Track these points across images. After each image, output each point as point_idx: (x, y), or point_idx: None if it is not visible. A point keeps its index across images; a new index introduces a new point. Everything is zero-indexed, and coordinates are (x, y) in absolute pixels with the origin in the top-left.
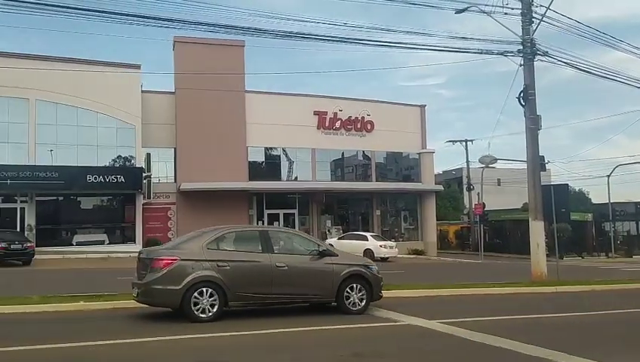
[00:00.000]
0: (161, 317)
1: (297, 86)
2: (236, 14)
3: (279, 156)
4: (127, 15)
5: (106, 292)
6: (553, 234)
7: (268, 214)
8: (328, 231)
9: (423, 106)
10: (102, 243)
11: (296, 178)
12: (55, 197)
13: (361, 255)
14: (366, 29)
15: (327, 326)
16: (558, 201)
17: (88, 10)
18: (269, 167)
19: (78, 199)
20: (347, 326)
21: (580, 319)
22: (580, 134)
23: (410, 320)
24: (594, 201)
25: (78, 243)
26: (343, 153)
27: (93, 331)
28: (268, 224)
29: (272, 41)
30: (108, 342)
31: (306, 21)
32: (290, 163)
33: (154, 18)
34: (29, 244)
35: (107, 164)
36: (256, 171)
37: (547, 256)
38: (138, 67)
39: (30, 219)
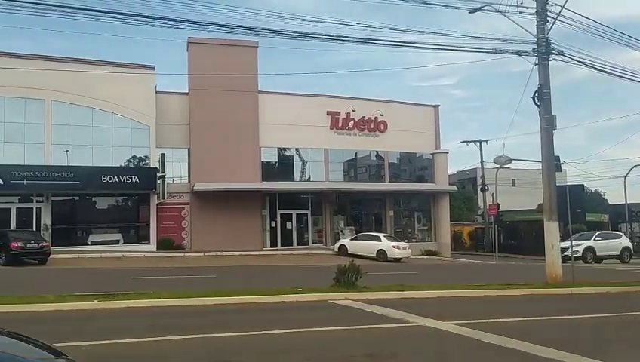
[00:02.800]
0: (168, 317)
1: (310, 86)
2: (249, 15)
3: (292, 156)
4: (143, 17)
5: (121, 291)
6: (569, 235)
7: (281, 214)
8: (341, 231)
9: (436, 106)
10: (117, 242)
11: (309, 178)
12: (70, 197)
13: (374, 256)
14: (379, 29)
15: (339, 326)
16: (573, 202)
17: (107, 12)
18: (282, 167)
19: (94, 199)
20: (359, 326)
21: (595, 321)
22: (595, 134)
23: (422, 321)
24: (610, 202)
25: (93, 243)
26: (356, 153)
27: (106, 330)
28: (281, 224)
29: (284, 41)
30: (109, 341)
31: (319, 21)
32: (303, 163)
33: (169, 19)
34: (44, 244)
35: (122, 165)
36: (269, 171)
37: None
38: (152, 68)
39: (46, 219)
